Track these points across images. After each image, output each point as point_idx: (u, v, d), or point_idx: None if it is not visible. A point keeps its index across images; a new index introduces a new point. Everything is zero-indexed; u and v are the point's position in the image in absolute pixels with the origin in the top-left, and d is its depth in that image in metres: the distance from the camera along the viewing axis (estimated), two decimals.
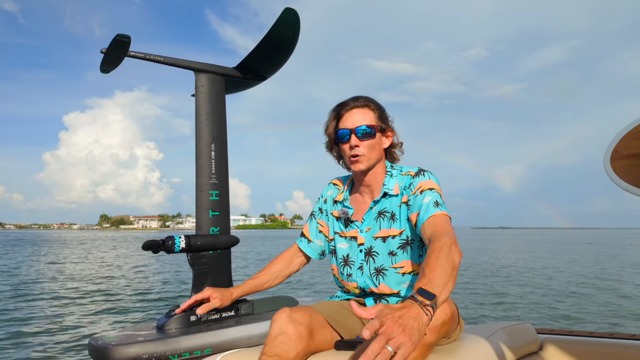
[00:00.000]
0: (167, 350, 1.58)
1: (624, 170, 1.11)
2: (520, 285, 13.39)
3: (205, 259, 1.95)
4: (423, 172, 1.55)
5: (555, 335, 1.82)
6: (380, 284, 1.53)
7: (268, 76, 2.33)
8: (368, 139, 1.54)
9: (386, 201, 1.57)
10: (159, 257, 22.89)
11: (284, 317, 1.32)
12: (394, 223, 1.54)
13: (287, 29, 2.04)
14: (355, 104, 1.58)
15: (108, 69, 2.08)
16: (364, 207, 1.62)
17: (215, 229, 2.01)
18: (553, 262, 22.19)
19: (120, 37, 1.87)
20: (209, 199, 2.01)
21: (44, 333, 7.11)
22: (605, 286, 13.09)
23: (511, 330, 1.58)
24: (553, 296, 11.36)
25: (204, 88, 2.07)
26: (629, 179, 1.10)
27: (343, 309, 1.52)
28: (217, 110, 2.08)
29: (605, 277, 15.31)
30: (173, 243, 1.84)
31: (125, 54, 1.94)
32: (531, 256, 26.81)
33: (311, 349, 1.35)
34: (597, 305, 10.00)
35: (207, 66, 2.09)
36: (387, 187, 1.57)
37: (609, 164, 1.14)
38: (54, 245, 42.56)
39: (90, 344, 1.61)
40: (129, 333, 1.67)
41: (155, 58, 2.01)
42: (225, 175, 2.09)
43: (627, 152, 1.11)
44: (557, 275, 16.23)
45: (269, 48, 2.12)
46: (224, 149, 2.09)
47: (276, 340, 1.30)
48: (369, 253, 1.56)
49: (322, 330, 1.40)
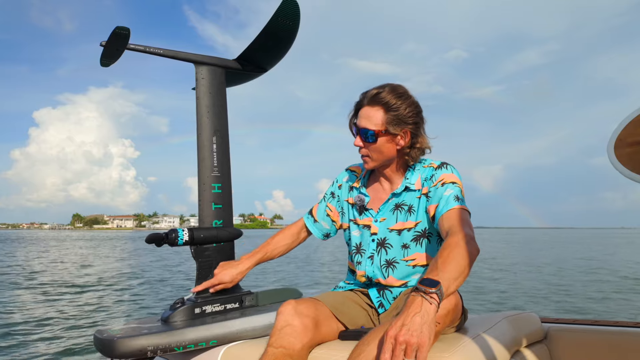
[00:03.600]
0: (172, 342, 1.59)
1: (628, 158, 1.11)
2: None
3: (208, 251, 1.95)
4: (446, 165, 1.51)
5: (560, 324, 1.82)
6: (389, 277, 1.52)
7: (269, 68, 2.32)
8: (371, 143, 1.49)
9: (406, 194, 1.54)
10: (162, 250, 23.01)
11: (289, 310, 1.33)
12: (410, 215, 1.52)
13: (287, 19, 2.02)
14: (369, 101, 1.48)
15: (108, 62, 2.07)
16: (382, 196, 1.59)
17: (219, 222, 2.01)
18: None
19: (119, 29, 1.86)
20: (212, 191, 2.01)
21: (49, 327, 7.16)
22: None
23: (515, 319, 1.59)
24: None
25: (205, 81, 2.06)
26: (632, 167, 1.09)
27: (347, 300, 1.53)
28: (218, 103, 2.08)
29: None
30: (176, 236, 1.84)
31: (124, 46, 1.93)
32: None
33: (316, 340, 1.36)
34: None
35: (208, 58, 2.07)
36: (409, 181, 1.53)
37: (612, 152, 1.13)
38: (41, 243, 42.67)
39: (96, 337, 1.62)
40: (134, 326, 1.68)
41: (155, 51, 1.99)
42: (228, 168, 2.08)
43: (631, 139, 1.10)
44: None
45: (269, 39, 2.10)
46: (226, 141, 2.09)
47: (282, 332, 1.30)
48: (381, 244, 1.55)
49: (327, 321, 1.40)
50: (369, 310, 1.55)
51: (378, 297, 1.54)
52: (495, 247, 34.39)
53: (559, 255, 25.79)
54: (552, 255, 24.59)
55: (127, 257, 22.71)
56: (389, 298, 1.52)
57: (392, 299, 1.52)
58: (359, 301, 1.56)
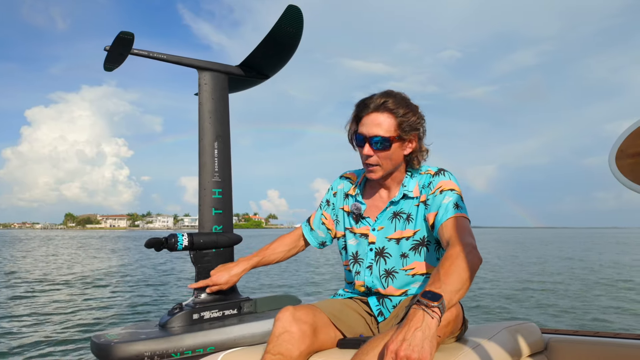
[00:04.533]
0: (170, 348, 1.58)
1: (629, 169, 1.11)
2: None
3: (208, 257, 1.94)
4: (443, 172, 1.50)
5: (560, 335, 1.81)
6: (389, 287, 1.51)
7: (271, 74, 2.32)
8: (383, 150, 1.44)
9: (404, 202, 1.52)
10: (161, 255, 22.96)
11: (287, 316, 1.32)
12: (409, 224, 1.50)
13: (290, 27, 2.03)
14: (376, 107, 1.44)
15: (112, 67, 2.08)
16: (380, 204, 1.57)
17: (218, 227, 2.00)
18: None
19: (123, 34, 1.87)
20: (212, 197, 2.01)
21: (44, 331, 7.13)
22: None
23: (516, 330, 1.58)
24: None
25: (207, 86, 2.06)
26: (634, 178, 1.10)
27: (346, 308, 1.52)
28: (220, 109, 2.08)
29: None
30: (176, 241, 1.84)
31: (128, 51, 1.94)
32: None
33: (314, 347, 1.35)
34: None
35: (211, 64, 2.08)
36: (407, 188, 1.52)
37: (614, 162, 1.13)
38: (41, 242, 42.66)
39: (93, 342, 1.61)
40: (132, 331, 1.67)
41: (158, 56, 2.00)
42: (229, 173, 2.08)
43: (632, 150, 1.11)
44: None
45: (272, 46, 2.11)
46: (227, 147, 2.09)
47: (279, 338, 1.29)
48: (380, 253, 1.53)
49: (325, 329, 1.39)
50: (367, 319, 1.54)
51: (377, 305, 1.53)
52: (486, 247, 34.32)
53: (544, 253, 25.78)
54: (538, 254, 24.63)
55: (123, 259, 22.70)
56: (389, 306, 1.51)
57: (391, 307, 1.51)
58: (358, 309, 1.54)
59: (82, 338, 6.63)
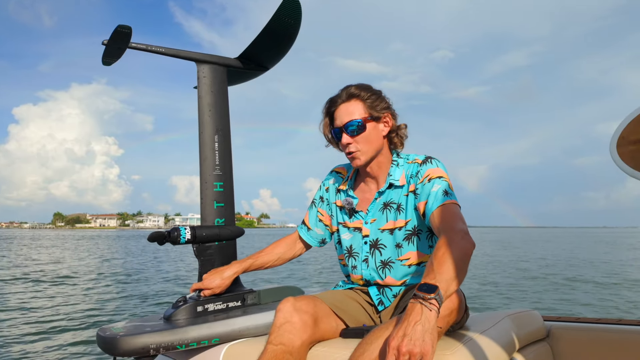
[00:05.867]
0: (175, 340, 1.59)
1: (631, 156, 1.10)
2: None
3: (211, 250, 1.95)
4: (430, 160, 1.50)
5: (562, 322, 1.82)
6: (387, 277, 1.51)
7: (270, 66, 2.32)
8: (360, 132, 1.49)
9: (392, 192, 1.53)
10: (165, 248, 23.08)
11: (288, 306, 1.33)
12: (400, 214, 1.50)
13: (288, 18, 2.02)
14: (342, 99, 1.52)
15: (110, 61, 2.07)
16: (369, 197, 1.58)
17: (220, 220, 2.01)
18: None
19: (121, 28, 1.86)
20: (214, 190, 2.01)
21: (51, 325, 7.20)
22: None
23: (517, 318, 1.58)
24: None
25: (206, 79, 2.06)
26: (635, 165, 1.09)
27: (347, 298, 1.53)
28: (219, 102, 2.08)
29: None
30: (178, 234, 1.85)
31: (126, 45, 1.93)
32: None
33: (316, 337, 1.36)
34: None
35: (209, 57, 2.07)
36: (393, 177, 1.52)
37: (615, 150, 1.13)
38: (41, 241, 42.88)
39: (99, 335, 1.62)
40: (137, 324, 1.69)
41: (156, 49, 2.00)
42: (230, 166, 2.08)
43: (633, 137, 1.10)
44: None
45: (271, 37, 2.10)
46: (228, 140, 2.09)
47: (281, 329, 1.30)
48: (374, 245, 1.53)
49: (326, 319, 1.40)
50: (368, 308, 1.55)
51: (378, 294, 1.54)
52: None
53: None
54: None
55: (124, 255, 22.80)
56: (389, 296, 1.52)
57: (392, 296, 1.52)
58: (359, 299, 1.55)
59: (88, 332, 6.70)
